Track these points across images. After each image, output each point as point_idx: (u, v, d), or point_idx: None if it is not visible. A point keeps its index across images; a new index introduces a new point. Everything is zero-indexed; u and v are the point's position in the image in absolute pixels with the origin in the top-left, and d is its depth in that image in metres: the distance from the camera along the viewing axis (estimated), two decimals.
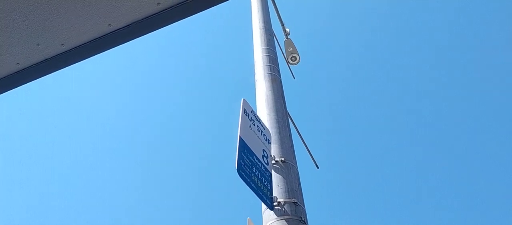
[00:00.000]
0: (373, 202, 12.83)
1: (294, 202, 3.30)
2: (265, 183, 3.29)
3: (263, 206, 3.37)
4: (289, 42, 8.21)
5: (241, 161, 3.12)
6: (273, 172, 3.50)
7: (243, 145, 3.26)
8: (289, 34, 8.40)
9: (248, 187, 3.09)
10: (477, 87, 13.07)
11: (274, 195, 3.31)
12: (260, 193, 3.17)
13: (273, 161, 3.59)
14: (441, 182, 12.75)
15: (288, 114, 4.50)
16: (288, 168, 3.60)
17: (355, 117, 13.95)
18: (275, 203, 3.25)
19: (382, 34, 14.27)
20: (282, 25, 8.22)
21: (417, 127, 13.42)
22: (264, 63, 4.76)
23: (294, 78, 6.74)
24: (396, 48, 14.22)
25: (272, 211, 3.22)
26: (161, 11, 2.29)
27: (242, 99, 3.64)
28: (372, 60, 14.27)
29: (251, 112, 3.69)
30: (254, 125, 3.61)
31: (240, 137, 3.28)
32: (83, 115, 14.41)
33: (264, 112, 4.11)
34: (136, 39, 2.51)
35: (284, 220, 3.14)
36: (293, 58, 8.20)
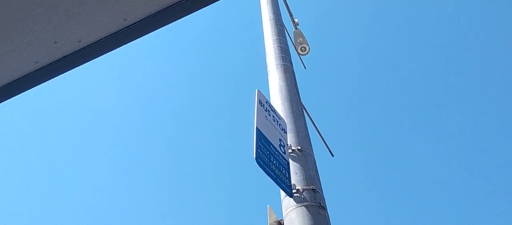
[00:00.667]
0: (389, 189, 12.82)
1: (312, 189, 3.31)
2: (283, 172, 3.30)
3: (282, 194, 3.38)
4: (298, 33, 8.20)
5: (259, 150, 3.14)
6: (290, 161, 3.51)
7: (260, 135, 3.27)
8: (298, 25, 8.38)
9: (267, 176, 3.11)
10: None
11: (292, 183, 3.33)
12: (279, 181, 3.19)
13: (289, 150, 3.60)
14: (452, 172, 12.71)
15: (302, 103, 4.50)
16: (305, 156, 3.61)
17: (368, 105, 13.92)
18: (294, 191, 3.27)
19: (392, 20, 14.20)
20: (291, 15, 8.20)
21: (431, 115, 13.38)
22: (276, 54, 4.76)
23: (305, 68, 6.72)
24: (410, 33, 14.14)
25: (291, 199, 3.24)
26: (176, 4, 2.31)
27: (257, 90, 3.65)
28: (383, 47, 14.22)
29: (266, 102, 3.70)
30: (270, 115, 3.62)
31: (257, 127, 3.30)
32: (94, 113, 14.52)
33: (278, 102, 4.12)
34: (151, 33, 2.53)
35: (303, 207, 3.15)
36: (303, 48, 8.18)
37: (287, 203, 3.27)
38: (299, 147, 3.64)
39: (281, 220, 3.26)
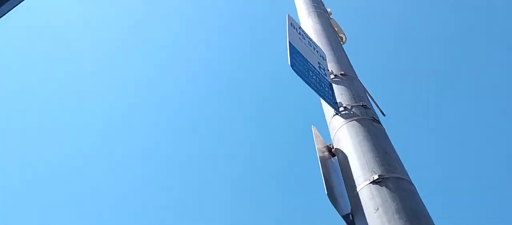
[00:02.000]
0: (436, 150, 11.91)
1: (363, 105, 2.84)
2: (326, 89, 2.86)
3: (327, 118, 2.92)
4: (332, 22, 7.79)
5: (293, 60, 2.73)
6: (334, 85, 3.06)
7: (293, 49, 2.87)
8: (331, 14, 7.99)
9: (307, 86, 2.68)
10: None
11: (338, 101, 2.87)
12: (322, 94, 2.75)
13: (332, 75, 3.16)
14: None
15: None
16: (350, 79, 3.16)
17: (413, 70, 13.22)
18: (341, 108, 2.81)
19: None
20: (323, 5, 7.85)
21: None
22: (307, 2, 4.39)
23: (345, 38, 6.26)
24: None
25: (339, 118, 2.77)
26: None
27: (287, 14, 3.26)
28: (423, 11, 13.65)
29: (299, 27, 3.30)
30: (305, 39, 3.21)
31: (289, 41, 2.90)
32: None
33: (313, 39, 3.70)
34: None
35: (354, 121, 2.67)
36: (339, 38, 7.75)
37: (334, 124, 2.80)
38: (342, 72, 3.19)
39: (330, 144, 2.78)
